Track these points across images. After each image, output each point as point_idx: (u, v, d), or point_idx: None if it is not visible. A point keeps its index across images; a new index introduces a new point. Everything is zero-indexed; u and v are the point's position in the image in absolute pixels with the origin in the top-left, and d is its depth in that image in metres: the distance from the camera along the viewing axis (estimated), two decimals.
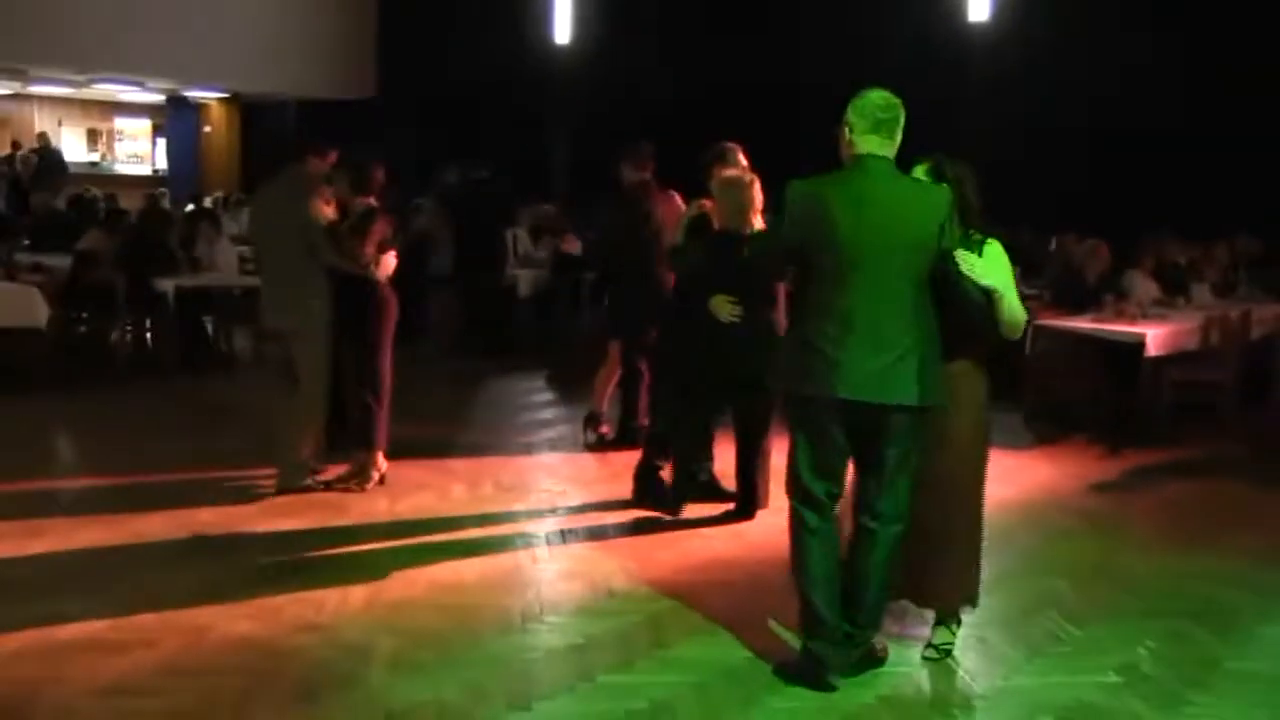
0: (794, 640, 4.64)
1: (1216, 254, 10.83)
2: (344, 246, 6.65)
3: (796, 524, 4.47)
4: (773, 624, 4.95)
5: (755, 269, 5.66)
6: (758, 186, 6.30)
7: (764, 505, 6.62)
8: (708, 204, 6.49)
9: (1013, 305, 4.46)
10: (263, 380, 9.47)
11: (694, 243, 6.48)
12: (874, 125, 4.35)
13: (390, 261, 6.78)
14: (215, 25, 17.59)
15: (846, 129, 4.40)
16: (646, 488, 6.80)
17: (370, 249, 6.68)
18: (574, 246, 12.10)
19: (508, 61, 16.88)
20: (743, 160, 6.73)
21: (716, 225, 6.36)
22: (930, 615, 4.79)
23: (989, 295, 4.37)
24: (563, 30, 17.01)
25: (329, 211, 6.73)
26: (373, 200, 6.88)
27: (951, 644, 4.72)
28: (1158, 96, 12.56)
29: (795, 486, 4.46)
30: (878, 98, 4.37)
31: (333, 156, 6.83)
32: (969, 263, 4.34)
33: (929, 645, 4.73)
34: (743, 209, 6.22)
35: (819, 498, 4.41)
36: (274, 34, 18.20)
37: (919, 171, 4.57)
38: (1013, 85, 13.15)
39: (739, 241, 5.97)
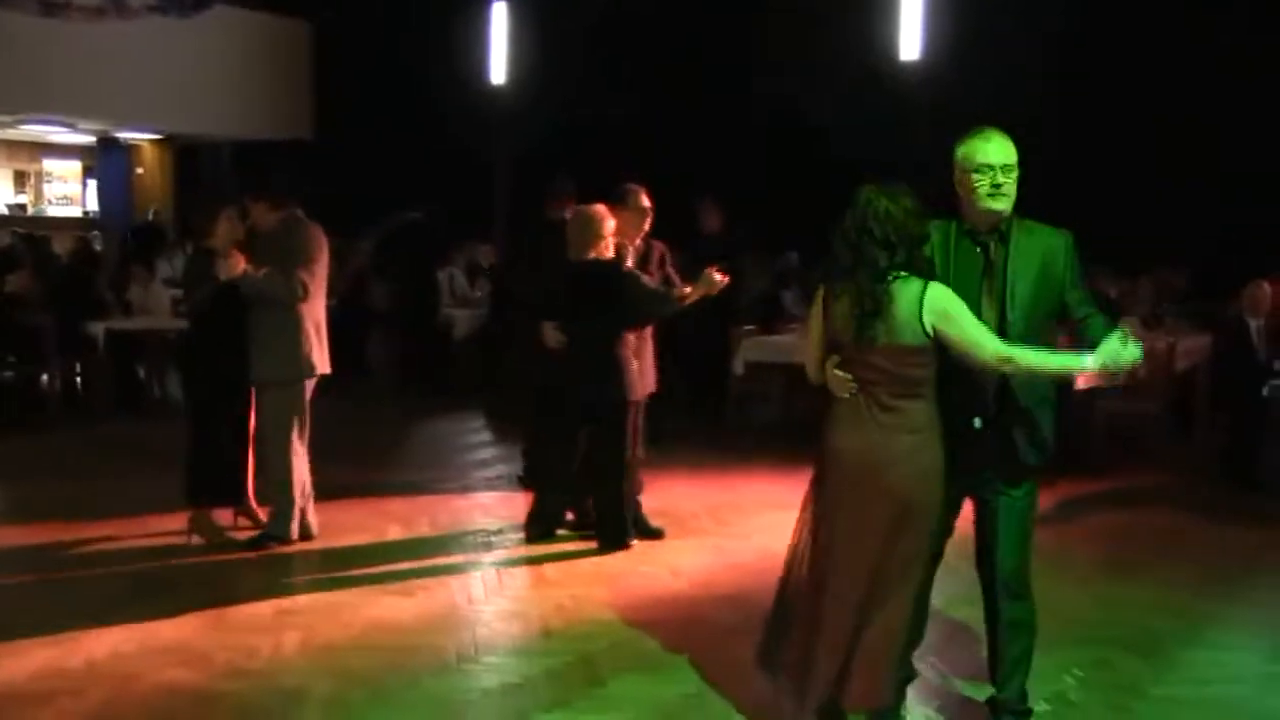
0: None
1: (1142, 287, 11.03)
2: None
3: None
4: None
5: None
6: (606, 221, 6.56)
7: (627, 544, 6.66)
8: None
9: None
10: None
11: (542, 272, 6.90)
12: None
13: None
14: (147, 66, 17.38)
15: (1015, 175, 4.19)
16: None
17: None
18: None
19: (444, 102, 16.89)
20: (644, 201, 6.96)
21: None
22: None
23: None
24: (498, 70, 17.07)
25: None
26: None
27: None
28: (1083, 133, 12.82)
29: None
30: None
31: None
32: None
33: None
34: (579, 241, 6.56)
35: None
36: (207, 75, 18.02)
37: None
38: (943, 122, 13.34)
39: (577, 270, 6.52)
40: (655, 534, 6.93)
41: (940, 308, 3.88)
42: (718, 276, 6.58)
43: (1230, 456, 8.61)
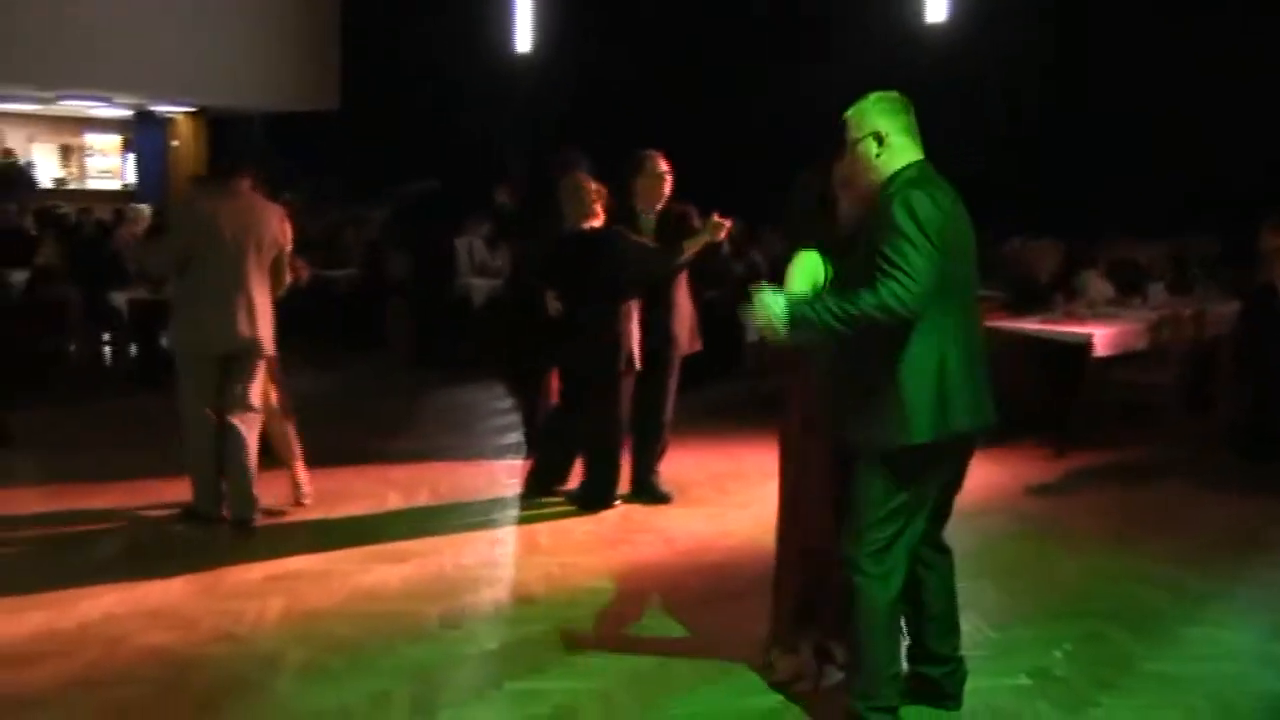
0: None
1: (1169, 253, 10.83)
2: None
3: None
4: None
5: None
6: (592, 188, 6.64)
7: (608, 505, 6.76)
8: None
9: None
10: None
11: (540, 241, 7.03)
12: (907, 127, 3.96)
13: None
14: (181, 41, 17.60)
15: (873, 142, 3.93)
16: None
17: None
18: None
19: (469, 70, 16.88)
20: (662, 166, 6.86)
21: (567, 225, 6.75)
22: None
23: None
24: (524, 38, 17.02)
25: None
26: None
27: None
28: (1114, 97, 12.58)
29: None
30: (897, 96, 3.98)
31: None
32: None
33: None
34: (571, 211, 6.65)
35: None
36: (239, 48, 18.21)
37: None
38: (969, 86, 13.15)
39: (572, 239, 6.60)
40: (663, 499, 6.94)
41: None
42: (721, 221, 6.49)
43: (1240, 428, 8.41)
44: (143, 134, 21.35)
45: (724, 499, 7.09)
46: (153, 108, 20.52)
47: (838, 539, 4.09)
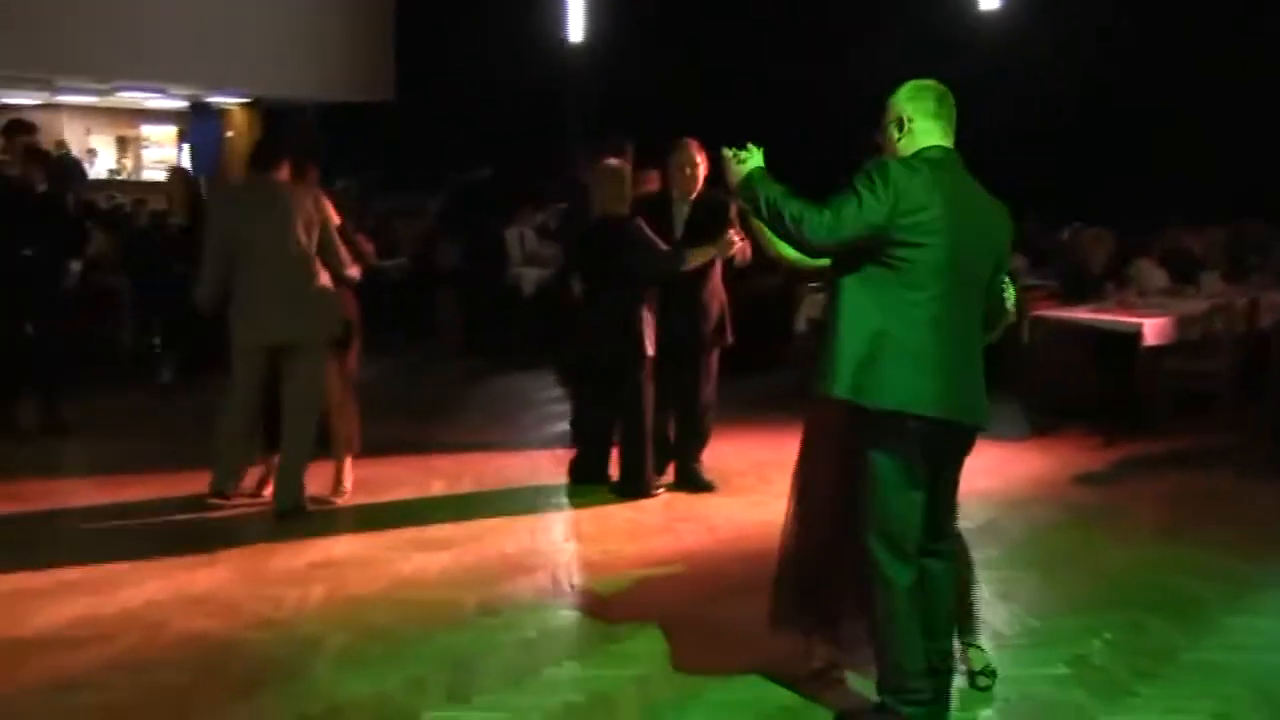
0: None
1: (1222, 240, 10.66)
2: None
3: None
4: None
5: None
6: (620, 175, 6.71)
7: (651, 492, 6.74)
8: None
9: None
10: None
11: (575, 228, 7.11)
12: (934, 114, 3.94)
13: None
14: (236, 31, 17.78)
15: (895, 127, 3.95)
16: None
17: None
18: None
19: (522, 61, 16.90)
20: (691, 155, 6.78)
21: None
22: None
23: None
24: (576, 29, 17.02)
25: None
26: None
27: None
28: (1169, 83, 12.39)
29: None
30: (930, 85, 3.98)
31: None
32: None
33: None
34: (597, 196, 6.71)
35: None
36: (292, 38, 18.37)
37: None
38: (1023, 74, 13.00)
39: (597, 227, 6.64)
40: (706, 487, 6.93)
41: None
42: (735, 239, 6.40)
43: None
44: (198, 125, 21.59)
45: (767, 488, 7.03)
46: (208, 99, 20.76)
47: (841, 530, 4.07)
